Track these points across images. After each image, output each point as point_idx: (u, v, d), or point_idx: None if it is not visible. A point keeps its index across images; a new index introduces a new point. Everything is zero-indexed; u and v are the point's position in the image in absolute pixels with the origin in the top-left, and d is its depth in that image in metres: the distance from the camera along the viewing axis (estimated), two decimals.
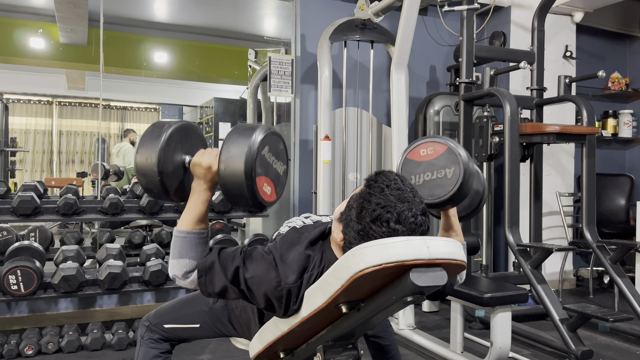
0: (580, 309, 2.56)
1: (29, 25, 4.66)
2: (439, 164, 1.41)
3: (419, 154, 1.46)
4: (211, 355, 2.73)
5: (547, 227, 4.18)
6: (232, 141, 1.25)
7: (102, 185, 4.14)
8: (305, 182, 3.84)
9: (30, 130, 5.50)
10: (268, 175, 1.30)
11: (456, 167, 1.38)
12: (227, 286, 1.27)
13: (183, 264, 1.29)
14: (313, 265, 1.30)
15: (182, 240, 1.29)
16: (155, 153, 1.27)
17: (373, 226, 1.17)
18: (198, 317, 1.62)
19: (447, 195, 1.38)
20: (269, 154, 1.30)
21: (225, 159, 1.24)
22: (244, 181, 1.22)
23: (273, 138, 1.32)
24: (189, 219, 1.30)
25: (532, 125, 3.20)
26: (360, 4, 3.48)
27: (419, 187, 1.42)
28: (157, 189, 1.31)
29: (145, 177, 1.30)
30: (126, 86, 5.57)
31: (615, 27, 4.86)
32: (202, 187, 1.31)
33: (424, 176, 1.43)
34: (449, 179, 1.39)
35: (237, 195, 1.25)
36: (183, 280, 1.30)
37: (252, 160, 1.22)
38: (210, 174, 1.29)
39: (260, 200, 1.26)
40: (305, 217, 1.66)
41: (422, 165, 1.44)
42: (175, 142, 1.32)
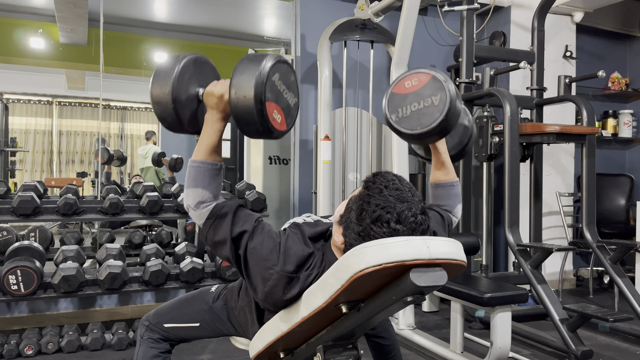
0: (580, 309, 2.56)
1: (29, 25, 4.66)
2: (425, 93, 1.40)
3: (404, 87, 1.44)
4: (211, 355, 2.73)
5: (547, 227, 4.18)
6: (242, 67, 1.27)
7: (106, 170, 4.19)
8: (305, 182, 3.84)
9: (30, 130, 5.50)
10: (278, 103, 1.31)
11: (442, 93, 1.37)
12: (226, 241, 1.28)
13: (197, 193, 1.31)
14: (313, 265, 1.30)
15: (196, 170, 1.32)
16: (169, 81, 1.31)
17: (374, 227, 1.17)
18: (198, 316, 1.62)
19: (435, 122, 1.37)
20: (280, 82, 1.31)
21: (236, 83, 1.25)
22: (253, 105, 1.23)
23: (284, 67, 1.33)
24: (202, 150, 1.32)
25: (532, 125, 3.20)
26: (360, 4, 3.48)
27: (406, 118, 1.42)
28: (171, 117, 1.35)
29: (160, 106, 1.34)
30: (126, 86, 5.57)
31: (615, 27, 4.86)
32: (215, 118, 1.33)
33: (410, 107, 1.42)
34: (436, 106, 1.37)
35: (247, 120, 1.26)
36: (195, 210, 1.31)
37: (261, 84, 1.23)
38: (223, 103, 1.31)
39: (269, 125, 1.27)
40: (306, 216, 1.66)
41: (409, 97, 1.43)
42: (190, 73, 1.36)
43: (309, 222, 1.46)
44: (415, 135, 1.42)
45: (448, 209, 1.62)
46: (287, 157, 4.05)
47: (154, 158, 4.53)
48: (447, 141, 1.64)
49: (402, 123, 1.43)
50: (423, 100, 1.40)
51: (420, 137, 1.42)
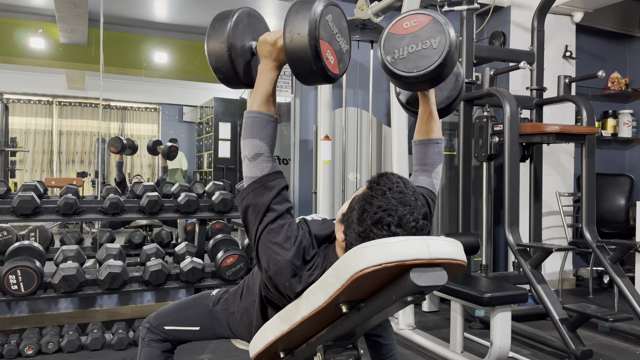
0: (580, 308, 2.57)
1: (29, 25, 4.66)
2: (424, 35, 1.34)
3: (402, 27, 1.38)
4: (211, 355, 2.73)
5: (547, 227, 4.19)
6: (295, 9, 1.28)
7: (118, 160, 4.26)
8: (305, 182, 3.84)
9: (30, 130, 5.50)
10: (331, 45, 1.31)
11: (442, 36, 1.31)
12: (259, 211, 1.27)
13: (254, 144, 1.30)
14: (315, 265, 1.30)
15: (252, 120, 1.32)
16: (224, 32, 1.34)
17: (374, 229, 1.17)
18: (198, 320, 1.62)
19: (433, 65, 1.31)
20: (332, 23, 1.32)
21: (289, 23, 1.26)
22: (307, 42, 1.24)
23: (337, 11, 1.34)
24: (258, 100, 1.33)
25: (532, 125, 3.20)
26: (360, 4, 3.48)
27: (402, 60, 1.36)
28: (226, 67, 1.36)
29: (215, 56, 1.36)
30: (126, 86, 5.57)
31: (615, 27, 4.86)
32: (269, 66, 1.34)
33: (407, 49, 1.35)
34: (434, 49, 1.32)
35: (302, 59, 1.26)
36: (251, 161, 1.30)
37: (315, 21, 1.24)
38: (276, 51, 1.31)
39: (323, 64, 1.27)
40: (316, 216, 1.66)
41: (406, 38, 1.36)
42: (244, 24, 1.38)
43: (317, 219, 1.46)
44: (410, 78, 1.35)
45: (428, 169, 1.58)
46: (287, 157, 4.05)
47: (149, 146, 4.57)
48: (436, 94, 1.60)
49: (397, 64, 1.37)
50: (421, 42, 1.34)
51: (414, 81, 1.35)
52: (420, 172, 1.60)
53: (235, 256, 2.98)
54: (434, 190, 1.57)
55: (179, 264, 3.01)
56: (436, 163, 1.59)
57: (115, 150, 4.00)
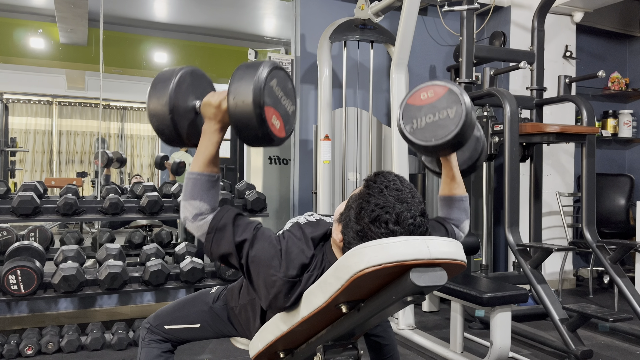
0: (580, 309, 2.56)
1: (29, 25, 4.66)
2: (441, 106, 1.39)
3: (419, 98, 1.43)
4: (211, 355, 2.73)
5: (547, 227, 4.18)
6: (239, 74, 1.26)
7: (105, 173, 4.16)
8: (305, 182, 3.84)
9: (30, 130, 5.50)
10: (277, 109, 1.30)
11: (458, 106, 1.36)
12: (231, 253, 1.28)
13: (194, 205, 1.30)
14: (314, 266, 1.30)
15: (193, 182, 1.31)
16: (166, 93, 1.30)
17: (372, 227, 1.17)
18: (198, 317, 1.62)
19: (450, 135, 1.35)
20: (277, 87, 1.31)
21: (234, 89, 1.25)
22: (252, 109, 1.23)
23: (281, 74, 1.33)
24: (200, 161, 1.32)
25: (532, 125, 3.20)
26: (360, 4, 3.48)
27: (421, 130, 1.41)
28: (169, 129, 1.33)
29: (157, 118, 1.32)
30: (126, 86, 5.57)
31: (615, 27, 4.86)
32: (213, 129, 1.32)
33: (425, 119, 1.41)
34: (451, 119, 1.36)
35: (247, 126, 1.25)
36: (193, 222, 1.31)
37: (260, 89, 1.23)
38: (221, 113, 1.30)
39: (269, 130, 1.26)
40: (308, 215, 1.66)
41: (424, 108, 1.42)
42: (187, 85, 1.35)
43: (312, 221, 1.46)
44: (429, 148, 1.41)
45: (455, 223, 1.61)
46: (287, 157, 4.05)
47: (156, 161, 4.53)
48: (458, 156, 1.63)
49: (416, 134, 1.42)
50: (438, 112, 1.39)
51: (434, 150, 1.41)
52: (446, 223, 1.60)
53: None
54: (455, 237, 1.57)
55: (179, 264, 3.01)
56: (462, 219, 1.61)
57: (101, 164, 3.87)
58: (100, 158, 3.83)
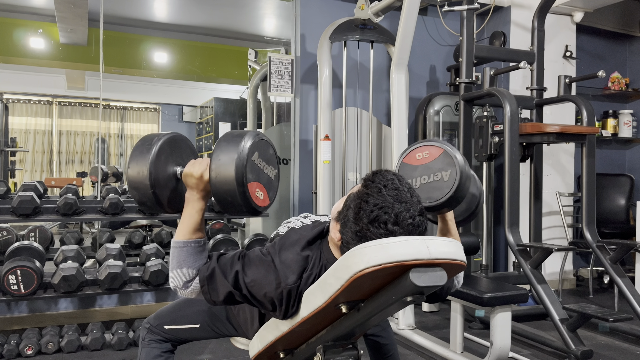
0: (580, 309, 2.56)
1: (29, 25, 4.66)
2: (436, 167, 1.41)
3: (415, 158, 1.46)
4: (211, 355, 2.73)
5: (547, 227, 4.18)
6: (221, 149, 1.26)
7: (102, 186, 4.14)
8: (305, 182, 3.84)
9: (30, 130, 5.50)
10: (260, 181, 1.31)
11: (452, 169, 1.38)
12: (231, 292, 1.28)
13: (182, 273, 1.30)
14: (312, 265, 1.30)
15: (179, 251, 1.30)
16: (146, 166, 1.28)
17: (371, 227, 1.17)
18: (198, 317, 1.62)
19: (444, 198, 1.38)
20: (259, 159, 1.31)
21: (216, 167, 1.25)
22: (235, 188, 1.23)
23: (262, 143, 1.33)
24: (185, 230, 1.31)
25: (532, 125, 3.20)
26: (360, 4, 3.48)
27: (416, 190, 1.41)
28: (151, 201, 1.32)
29: (138, 191, 1.31)
30: (126, 86, 5.57)
31: (615, 27, 4.86)
32: (196, 197, 1.31)
33: (420, 179, 1.43)
34: (445, 182, 1.38)
35: (230, 202, 1.27)
36: (184, 289, 1.31)
37: (242, 167, 1.23)
38: (203, 183, 1.29)
39: (253, 206, 1.28)
40: (303, 217, 1.66)
41: (419, 168, 1.45)
42: (166, 154, 1.33)
43: (307, 224, 1.46)
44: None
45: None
46: (287, 157, 4.05)
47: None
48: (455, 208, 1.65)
49: None
50: (433, 174, 1.41)
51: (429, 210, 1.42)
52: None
53: None
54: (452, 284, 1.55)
55: None
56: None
57: (96, 180, 3.80)
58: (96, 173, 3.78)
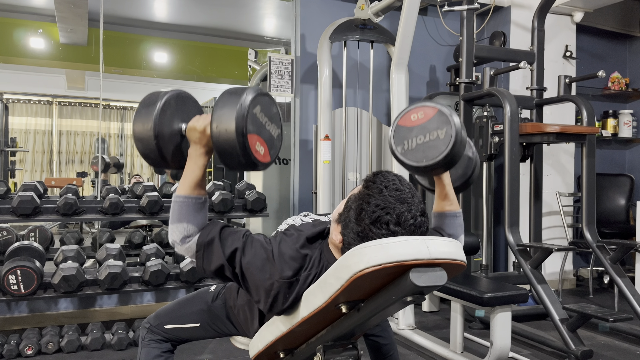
0: (580, 309, 2.56)
1: (29, 25, 4.66)
2: (431, 127, 1.41)
3: (410, 120, 1.46)
4: (211, 355, 2.73)
5: (547, 227, 4.18)
6: (223, 101, 1.26)
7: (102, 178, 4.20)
8: (305, 182, 3.84)
9: (30, 130, 5.50)
10: (261, 135, 1.30)
11: (448, 127, 1.38)
12: (223, 265, 1.28)
13: (181, 228, 1.31)
14: (311, 265, 1.30)
15: (180, 205, 1.31)
16: (151, 118, 1.30)
17: (373, 228, 1.17)
18: (198, 317, 1.62)
19: (441, 155, 1.38)
20: (261, 114, 1.31)
21: (217, 117, 1.25)
22: (235, 138, 1.23)
23: (265, 99, 1.32)
24: (186, 184, 1.32)
25: (532, 125, 3.20)
26: (360, 4, 3.48)
27: (412, 151, 1.44)
28: (154, 154, 1.33)
29: (142, 143, 1.32)
30: (126, 86, 5.57)
31: (615, 27, 4.86)
32: (198, 152, 1.32)
33: (416, 140, 1.43)
34: (441, 139, 1.38)
35: (230, 153, 1.25)
36: (181, 245, 1.31)
37: (242, 118, 1.23)
38: (206, 138, 1.30)
39: (253, 158, 1.26)
40: (304, 215, 1.66)
41: (414, 129, 1.44)
42: (172, 109, 1.34)
43: (308, 222, 1.46)
44: (420, 168, 1.43)
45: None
46: (287, 157, 4.05)
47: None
48: (451, 173, 1.65)
49: (407, 155, 1.44)
50: (429, 134, 1.42)
51: (425, 170, 1.43)
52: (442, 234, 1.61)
53: None
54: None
55: (179, 264, 3.01)
56: (458, 234, 1.61)
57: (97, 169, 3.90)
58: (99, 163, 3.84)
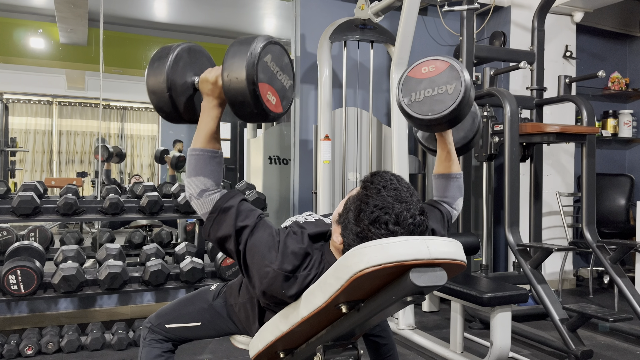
0: (580, 309, 2.56)
1: (29, 25, 4.66)
2: (441, 81, 1.39)
3: (420, 72, 1.44)
4: (211, 355, 2.73)
5: (547, 227, 4.18)
6: (233, 50, 1.27)
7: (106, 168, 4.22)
8: (305, 182, 3.84)
9: (30, 130, 5.50)
10: (272, 85, 1.30)
11: (457, 83, 1.37)
12: (230, 236, 1.28)
13: (199, 182, 1.31)
14: (311, 265, 1.29)
15: (196, 158, 1.32)
16: (163, 70, 1.31)
17: (372, 228, 1.17)
18: (199, 315, 1.62)
19: (447, 110, 1.36)
20: (272, 63, 1.30)
21: (228, 66, 1.25)
22: (246, 86, 1.23)
23: (276, 48, 1.32)
24: (201, 137, 1.33)
25: (532, 125, 3.20)
26: (360, 4, 3.48)
27: (419, 103, 1.42)
28: (167, 106, 1.35)
29: (155, 95, 1.34)
30: (126, 86, 5.57)
31: (615, 27, 4.86)
32: (211, 104, 1.33)
33: (424, 92, 1.41)
34: (449, 94, 1.37)
35: (241, 102, 1.25)
36: (198, 199, 1.31)
37: (253, 65, 1.22)
38: (218, 89, 1.31)
39: (264, 107, 1.26)
40: (307, 214, 1.66)
41: (424, 82, 1.42)
42: (184, 61, 1.36)
43: (311, 220, 1.46)
44: (425, 121, 1.41)
45: (449, 201, 1.62)
46: (287, 157, 4.05)
47: (156, 155, 4.55)
48: (453, 134, 1.64)
49: (413, 107, 1.42)
50: (438, 87, 1.39)
51: (430, 124, 1.41)
52: (440, 204, 1.62)
53: None
54: (449, 216, 1.60)
55: (179, 264, 3.01)
56: (456, 197, 1.62)
57: (102, 159, 3.96)
58: (101, 152, 3.90)
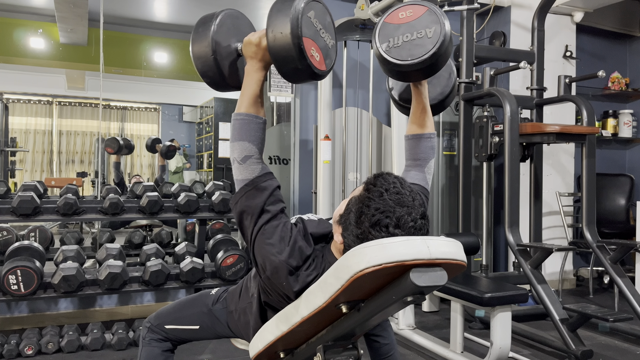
0: (580, 309, 2.56)
1: (29, 25, 4.66)
2: (419, 25, 1.35)
3: (397, 17, 1.40)
4: (211, 355, 2.73)
5: (547, 227, 4.18)
6: (277, 8, 1.27)
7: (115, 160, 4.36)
8: (305, 182, 3.84)
9: (30, 130, 5.50)
10: (316, 41, 1.30)
11: (437, 26, 1.33)
12: (254, 213, 1.27)
13: (243, 146, 1.31)
14: (313, 266, 1.30)
15: (240, 122, 1.32)
16: (208, 35, 1.35)
17: (372, 231, 1.17)
18: (197, 319, 1.63)
19: (428, 54, 1.32)
20: (316, 19, 1.31)
21: (271, 23, 1.26)
22: (291, 40, 1.23)
23: (319, 6, 1.33)
24: (245, 102, 1.33)
25: (532, 125, 3.20)
26: (360, 4, 3.48)
27: (397, 48, 1.37)
28: (212, 71, 1.37)
29: (200, 60, 1.37)
30: (126, 86, 5.57)
31: (615, 27, 4.86)
32: (255, 67, 1.34)
33: (402, 37, 1.37)
34: (429, 38, 1.33)
35: (286, 58, 1.25)
36: (240, 164, 1.30)
37: (297, 19, 1.23)
38: (261, 51, 1.32)
39: (308, 62, 1.26)
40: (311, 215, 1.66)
41: (402, 27, 1.38)
42: (227, 26, 1.38)
43: (313, 219, 1.46)
44: (404, 67, 1.35)
45: (421, 164, 1.57)
46: (287, 157, 4.05)
47: (147, 144, 4.57)
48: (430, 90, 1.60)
49: (391, 52, 1.37)
50: (416, 32, 1.35)
51: (408, 69, 1.36)
52: (413, 167, 1.58)
53: (235, 256, 2.98)
54: (427, 186, 1.57)
55: (179, 264, 3.01)
56: (429, 158, 1.58)
57: (112, 151, 4.04)
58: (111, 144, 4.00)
